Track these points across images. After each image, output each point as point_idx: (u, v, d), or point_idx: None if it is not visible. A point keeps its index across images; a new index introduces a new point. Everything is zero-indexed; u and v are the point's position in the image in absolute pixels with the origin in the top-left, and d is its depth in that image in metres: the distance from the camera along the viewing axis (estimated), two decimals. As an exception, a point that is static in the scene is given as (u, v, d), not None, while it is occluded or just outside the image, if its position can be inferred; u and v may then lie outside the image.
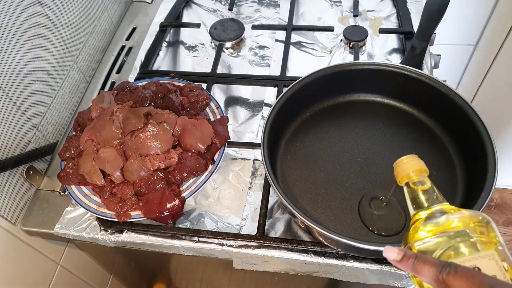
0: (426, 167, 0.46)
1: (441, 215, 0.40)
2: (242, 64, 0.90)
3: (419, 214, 0.42)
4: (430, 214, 0.41)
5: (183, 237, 0.64)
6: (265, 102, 0.81)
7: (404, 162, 0.46)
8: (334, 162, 0.68)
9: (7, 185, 0.67)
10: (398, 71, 0.69)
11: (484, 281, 0.32)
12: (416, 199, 0.44)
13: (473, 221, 0.38)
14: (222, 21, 0.96)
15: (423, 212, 0.42)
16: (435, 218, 0.40)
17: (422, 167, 0.45)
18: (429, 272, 0.34)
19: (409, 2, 0.96)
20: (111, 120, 0.68)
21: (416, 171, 0.45)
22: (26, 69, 0.70)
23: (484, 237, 0.37)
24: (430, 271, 0.34)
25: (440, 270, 0.33)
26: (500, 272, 0.35)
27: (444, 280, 0.33)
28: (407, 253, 0.37)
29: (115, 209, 0.63)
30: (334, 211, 0.63)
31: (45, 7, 0.74)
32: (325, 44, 0.91)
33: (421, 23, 0.72)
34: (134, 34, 1.00)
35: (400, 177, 0.46)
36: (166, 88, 0.75)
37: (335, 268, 0.61)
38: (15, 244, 0.70)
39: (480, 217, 0.39)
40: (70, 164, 0.68)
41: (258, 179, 0.70)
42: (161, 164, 0.65)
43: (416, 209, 0.43)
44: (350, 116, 0.74)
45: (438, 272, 0.33)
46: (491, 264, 0.35)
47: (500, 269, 0.35)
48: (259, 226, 0.63)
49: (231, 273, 0.82)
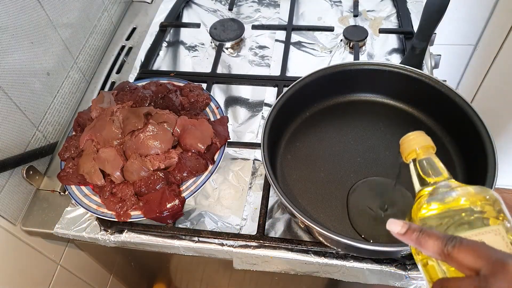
0: (433, 143, 0.44)
1: (447, 191, 0.39)
2: (242, 64, 0.90)
3: (424, 190, 0.41)
4: (435, 190, 0.40)
5: (183, 237, 0.64)
6: (265, 102, 0.81)
7: (411, 139, 0.45)
8: (334, 162, 0.68)
9: (7, 185, 0.67)
10: (398, 71, 0.69)
11: (490, 253, 0.31)
12: (421, 176, 0.42)
13: (479, 197, 0.37)
14: (222, 21, 0.96)
15: (428, 188, 0.41)
16: (441, 194, 0.39)
17: (429, 143, 0.44)
18: (434, 246, 0.33)
19: (409, 2, 0.96)
20: (111, 120, 0.68)
21: (423, 148, 0.44)
22: (26, 69, 0.70)
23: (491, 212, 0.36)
24: (434, 244, 0.33)
25: (445, 243, 0.32)
26: (506, 248, 0.34)
27: (449, 253, 0.32)
28: (412, 226, 0.36)
29: (115, 209, 0.63)
30: (334, 211, 0.63)
31: (45, 7, 0.74)
32: (325, 44, 0.91)
33: (421, 23, 0.72)
34: (134, 34, 1.00)
35: (406, 153, 0.45)
36: (166, 88, 0.75)
37: (335, 268, 0.61)
38: (15, 244, 0.70)
39: (487, 193, 0.38)
40: (70, 164, 0.68)
41: (258, 179, 0.70)
42: (161, 164, 0.65)
43: (422, 185, 0.42)
44: (350, 116, 0.74)
45: (443, 245, 0.33)
46: (497, 239, 0.34)
47: (507, 244, 0.34)
48: (259, 226, 0.63)
49: (231, 273, 0.82)
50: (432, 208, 0.39)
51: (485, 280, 0.30)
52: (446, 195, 0.39)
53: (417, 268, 0.58)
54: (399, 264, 0.59)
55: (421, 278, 0.58)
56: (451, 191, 0.39)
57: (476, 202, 0.37)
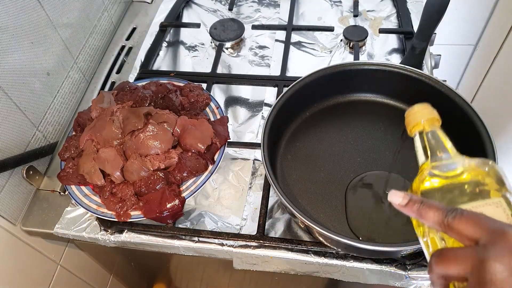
0: (438, 116, 0.44)
1: (450, 164, 0.39)
2: (242, 64, 0.90)
3: (427, 163, 0.41)
4: (438, 163, 0.40)
5: (183, 237, 0.64)
6: (265, 102, 0.81)
7: (416, 111, 0.44)
8: (334, 162, 0.68)
9: (7, 185, 0.67)
10: (398, 71, 0.69)
11: (490, 223, 0.31)
12: (425, 149, 0.42)
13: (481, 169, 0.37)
14: (222, 21, 0.96)
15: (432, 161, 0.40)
16: (444, 167, 0.39)
17: (434, 116, 0.43)
18: (434, 217, 0.33)
19: (409, 2, 0.96)
20: (111, 120, 0.68)
21: (428, 120, 0.43)
22: (26, 69, 0.70)
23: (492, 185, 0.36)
24: (435, 215, 0.33)
25: (446, 214, 0.33)
26: (507, 220, 0.34)
27: (449, 223, 0.32)
28: (413, 198, 0.36)
29: (115, 209, 0.63)
30: (334, 211, 0.63)
31: (45, 7, 0.74)
32: (325, 44, 0.91)
33: (421, 23, 0.72)
34: (134, 34, 1.00)
35: (411, 126, 0.44)
36: (166, 88, 0.75)
37: (335, 268, 0.61)
38: (15, 244, 0.70)
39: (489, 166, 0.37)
40: (70, 164, 0.68)
41: (258, 179, 0.70)
42: (161, 164, 0.65)
43: (426, 158, 0.41)
44: (350, 116, 0.74)
45: (443, 216, 0.33)
46: (498, 212, 0.34)
47: (507, 216, 0.34)
48: (259, 226, 0.63)
49: (231, 273, 0.82)
50: (434, 181, 0.38)
51: (484, 249, 0.30)
52: (448, 167, 0.38)
53: (417, 268, 0.58)
54: (399, 264, 0.59)
55: (421, 278, 0.58)
56: (454, 164, 0.39)
57: (478, 175, 0.37)
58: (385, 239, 0.59)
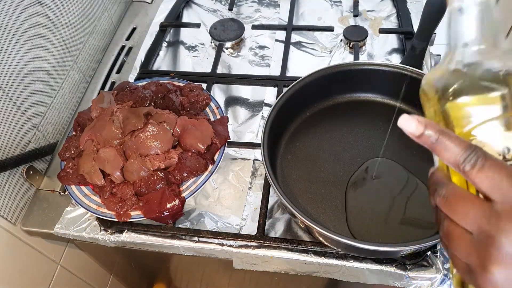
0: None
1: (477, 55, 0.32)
2: (242, 64, 0.90)
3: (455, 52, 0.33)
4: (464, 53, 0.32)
5: (183, 237, 0.64)
6: (265, 102, 0.81)
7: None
8: (334, 162, 0.68)
9: (7, 185, 0.67)
10: (398, 71, 0.69)
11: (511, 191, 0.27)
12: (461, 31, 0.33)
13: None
14: (222, 21, 0.96)
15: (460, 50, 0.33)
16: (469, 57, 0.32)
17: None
18: (451, 157, 0.29)
19: (409, 2, 0.96)
20: (111, 120, 0.68)
21: None
22: (26, 69, 0.70)
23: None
24: (451, 155, 0.29)
25: (464, 159, 0.28)
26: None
27: (466, 171, 0.28)
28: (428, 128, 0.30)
29: (115, 209, 0.63)
30: (334, 211, 0.63)
31: (45, 7, 0.74)
32: (325, 44, 0.91)
33: (421, 23, 0.72)
34: (134, 34, 1.00)
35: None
36: (166, 88, 0.75)
37: (335, 268, 0.61)
38: (15, 244, 0.70)
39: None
40: (70, 164, 0.68)
41: (258, 179, 0.70)
42: (161, 164, 0.65)
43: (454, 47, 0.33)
44: (350, 116, 0.74)
45: (461, 160, 0.28)
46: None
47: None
48: (259, 226, 0.63)
49: (231, 273, 0.82)
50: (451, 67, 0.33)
51: (497, 217, 0.27)
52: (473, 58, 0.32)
53: (417, 268, 0.58)
54: (399, 264, 0.59)
55: (421, 278, 0.58)
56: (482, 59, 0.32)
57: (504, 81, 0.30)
58: (385, 239, 0.59)
